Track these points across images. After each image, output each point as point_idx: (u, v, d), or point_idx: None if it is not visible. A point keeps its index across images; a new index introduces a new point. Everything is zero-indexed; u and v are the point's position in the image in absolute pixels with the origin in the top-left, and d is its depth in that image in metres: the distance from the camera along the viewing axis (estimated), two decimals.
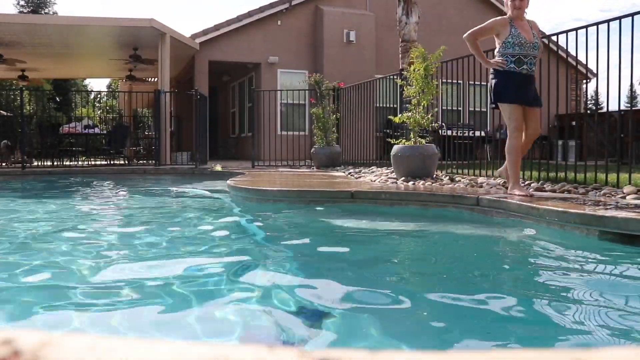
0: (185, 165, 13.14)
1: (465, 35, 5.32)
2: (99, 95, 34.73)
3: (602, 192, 4.98)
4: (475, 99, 9.67)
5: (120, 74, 19.69)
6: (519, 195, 4.89)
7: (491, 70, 5.25)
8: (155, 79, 18.14)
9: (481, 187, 6.00)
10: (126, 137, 14.68)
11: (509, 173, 5.23)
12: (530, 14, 5.31)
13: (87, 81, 39.17)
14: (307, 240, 4.30)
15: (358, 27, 16.55)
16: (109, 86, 39.63)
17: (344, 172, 9.59)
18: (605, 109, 5.64)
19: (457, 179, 6.83)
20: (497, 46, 5.21)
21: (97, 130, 15.03)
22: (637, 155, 8.24)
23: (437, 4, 17.18)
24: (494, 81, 5.16)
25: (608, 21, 5.48)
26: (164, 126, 13.07)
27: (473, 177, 7.07)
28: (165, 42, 13.50)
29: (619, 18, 5.32)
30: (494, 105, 5.26)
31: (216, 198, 7.38)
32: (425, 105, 7.28)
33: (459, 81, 7.83)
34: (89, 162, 13.82)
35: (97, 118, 18.61)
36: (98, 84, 56.98)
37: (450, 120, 10.38)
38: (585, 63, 6.37)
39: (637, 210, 3.77)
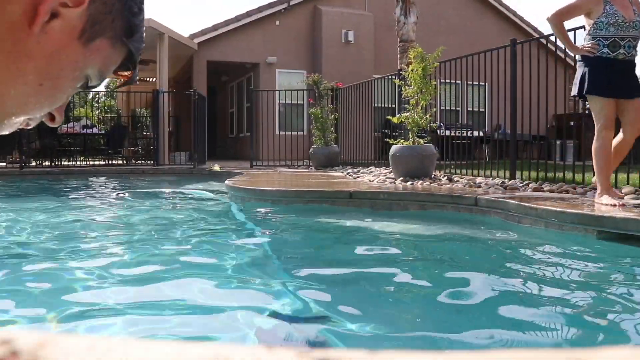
0: (184, 165, 13.14)
1: (549, 16, 4.53)
2: (97, 95, 34.67)
3: None
4: (474, 99, 9.67)
5: None
6: (608, 204, 4.07)
7: (579, 57, 4.49)
8: (154, 79, 18.13)
9: (479, 187, 6.01)
10: (124, 137, 14.67)
11: (597, 179, 4.42)
12: (528, 14, 5.24)
13: None
14: (304, 241, 4.30)
15: (357, 27, 16.56)
16: (107, 86, 39.54)
17: (342, 172, 9.59)
18: None
19: (455, 179, 6.83)
20: (587, 27, 4.41)
21: (95, 130, 15.01)
22: (635, 156, 8.25)
23: (436, 4, 17.18)
24: (582, 69, 4.39)
25: None
26: (162, 126, 13.06)
27: (471, 177, 7.08)
28: (164, 42, 13.49)
29: None
30: (577, 96, 4.54)
31: (214, 198, 7.38)
32: (424, 106, 7.28)
33: (457, 81, 7.83)
34: (87, 162, 13.80)
35: (96, 118, 18.59)
36: None
37: (449, 120, 10.39)
38: None
39: (635, 210, 3.78)
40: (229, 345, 0.38)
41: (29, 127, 0.63)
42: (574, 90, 4.53)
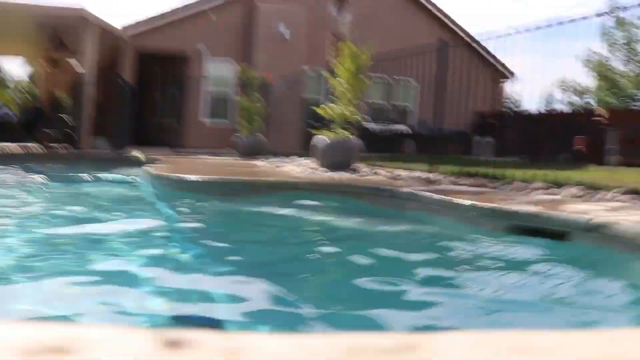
0: (103, 149, 12.66)
1: None
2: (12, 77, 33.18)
3: (512, 186, 5.10)
4: (402, 95, 9.79)
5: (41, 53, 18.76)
6: None
7: None
8: (77, 62, 17.40)
9: (401, 179, 6.05)
10: (39, 120, 14.01)
11: None
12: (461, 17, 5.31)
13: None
14: (220, 229, 4.19)
15: (291, 21, 16.46)
16: (30, 75, 37.69)
17: (266, 161, 9.49)
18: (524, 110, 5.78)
19: (378, 171, 6.86)
20: None
21: (9, 112, 14.26)
22: (550, 154, 8.58)
23: (371, 2, 17.27)
24: None
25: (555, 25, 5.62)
26: (84, 111, 12.56)
27: (394, 169, 7.13)
28: (94, 32, 12.99)
29: (549, 26, 5.49)
30: None
31: (131, 184, 7.10)
32: (351, 99, 7.26)
33: (385, 76, 7.89)
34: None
35: (12, 100, 17.67)
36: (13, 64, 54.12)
37: (375, 114, 10.48)
38: (505, 66, 6.55)
39: (543, 205, 3.87)
40: (87, 325, 0.31)
41: None
42: None
